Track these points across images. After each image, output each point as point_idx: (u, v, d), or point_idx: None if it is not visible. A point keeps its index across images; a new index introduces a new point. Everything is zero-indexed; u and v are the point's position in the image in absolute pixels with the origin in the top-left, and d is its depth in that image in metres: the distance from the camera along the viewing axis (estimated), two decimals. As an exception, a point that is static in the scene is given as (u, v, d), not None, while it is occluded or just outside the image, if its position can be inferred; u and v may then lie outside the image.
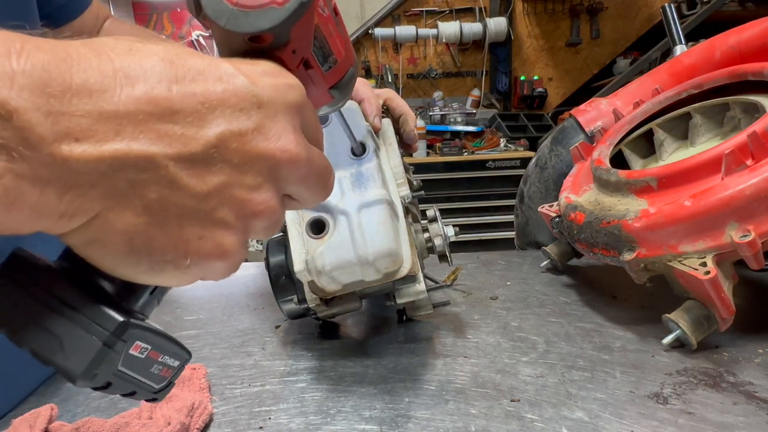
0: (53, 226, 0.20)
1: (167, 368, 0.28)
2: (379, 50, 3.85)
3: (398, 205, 0.53)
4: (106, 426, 0.43)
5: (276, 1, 0.25)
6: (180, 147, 0.21)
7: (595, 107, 0.95)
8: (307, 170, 0.26)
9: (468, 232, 3.12)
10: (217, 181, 0.23)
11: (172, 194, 0.22)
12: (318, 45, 0.28)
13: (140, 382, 0.26)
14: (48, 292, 0.23)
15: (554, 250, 0.83)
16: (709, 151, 0.56)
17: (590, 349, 0.57)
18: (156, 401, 0.28)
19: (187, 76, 0.22)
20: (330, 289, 0.52)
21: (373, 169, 0.51)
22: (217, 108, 0.22)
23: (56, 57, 0.20)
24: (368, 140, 0.53)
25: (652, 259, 0.56)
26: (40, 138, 0.19)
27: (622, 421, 0.44)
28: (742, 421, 0.43)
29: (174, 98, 0.21)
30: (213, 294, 0.82)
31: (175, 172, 0.21)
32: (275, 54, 0.26)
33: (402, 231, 0.52)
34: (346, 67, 0.31)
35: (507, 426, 0.44)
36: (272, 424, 0.46)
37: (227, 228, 0.24)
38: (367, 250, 0.47)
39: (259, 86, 0.24)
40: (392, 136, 0.61)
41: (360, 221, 0.48)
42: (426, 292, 0.54)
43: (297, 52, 0.27)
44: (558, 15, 3.95)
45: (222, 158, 0.22)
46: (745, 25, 0.79)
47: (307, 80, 0.29)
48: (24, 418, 0.43)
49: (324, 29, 0.28)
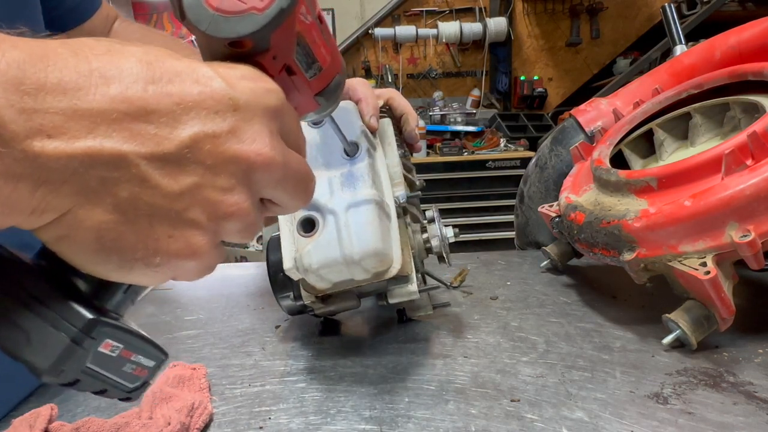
0: (25, 221, 0.21)
1: (141, 368, 0.28)
2: (379, 50, 3.85)
3: (391, 206, 0.53)
4: (106, 426, 0.43)
5: (256, 7, 0.25)
6: (153, 146, 0.22)
7: (595, 107, 0.95)
8: (283, 174, 0.26)
9: (468, 232, 3.12)
10: (190, 182, 0.23)
11: (143, 193, 0.22)
12: (301, 52, 0.28)
13: (112, 381, 0.26)
14: (18, 287, 0.23)
15: (554, 250, 0.83)
16: (709, 151, 0.56)
17: (590, 349, 0.57)
18: (129, 401, 0.29)
19: (164, 77, 0.22)
20: (320, 287, 0.52)
21: (364, 169, 0.51)
22: (192, 109, 0.23)
23: (32, 56, 0.20)
24: (361, 140, 0.53)
25: (652, 259, 0.56)
26: (13, 134, 0.19)
27: (622, 421, 0.44)
28: (742, 421, 0.43)
29: (149, 98, 0.22)
30: (213, 294, 0.82)
31: (146, 171, 0.22)
32: (256, 59, 0.26)
33: (393, 231, 0.52)
34: (332, 75, 0.32)
35: (507, 426, 0.44)
36: (272, 424, 0.46)
37: (198, 228, 0.24)
38: (353, 250, 0.47)
39: (236, 90, 0.24)
40: (391, 135, 0.61)
41: (347, 221, 0.48)
42: (418, 293, 0.54)
43: (278, 58, 0.27)
44: (558, 15, 3.96)
45: (195, 159, 0.23)
46: (745, 25, 0.79)
47: (291, 86, 0.29)
48: (24, 418, 0.43)
49: (307, 36, 0.28)
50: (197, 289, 0.86)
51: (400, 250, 0.52)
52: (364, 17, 3.86)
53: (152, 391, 0.48)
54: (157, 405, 0.46)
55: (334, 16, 3.91)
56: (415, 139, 0.64)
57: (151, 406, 0.46)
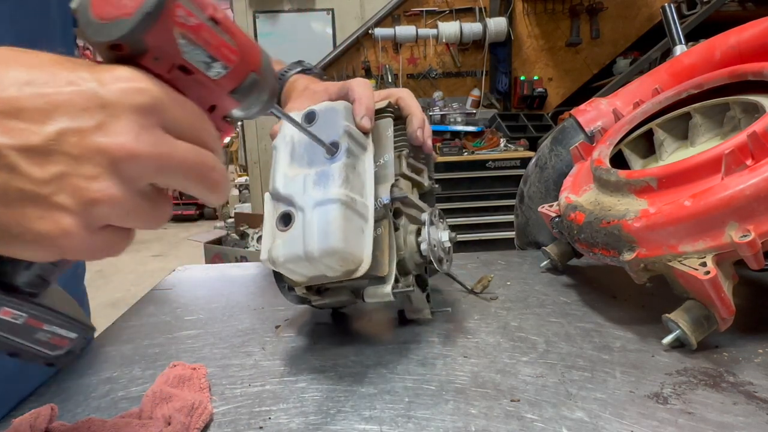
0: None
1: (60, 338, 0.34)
2: (379, 50, 3.85)
3: (369, 206, 0.54)
4: (106, 426, 0.43)
5: (126, 12, 0.28)
6: (22, 139, 0.26)
7: (595, 107, 0.95)
8: (160, 165, 0.29)
9: (468, 232, 3.12)
10: (56, 170, 0.26)
11: (13, 179, 0.26)
12: (194, 52, 0.30)
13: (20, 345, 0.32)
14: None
15: (554, 250, 0.83)
16: (709, 151, 0.56)
17: (590, 349, 0.57)
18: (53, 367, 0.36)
19: (41, 80, 0.27)
20: (297, 280, 0.54)
21: (337, 169, 0.51)
22: (61, 107, 0.26)
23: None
24: (343, 140, 0.53)
25: (652, 259, 0.56)
26: None
27: (622, 421, 0.44)
28: (742, 421, 0.43)
29: (23, 98, 0.26)
30: (213, 294, 0.82)
31: (15, 161, 0.26)
32: (137, 61, 0.29)
33: (368, 231, 0.52)
34: (243, 73, 0.33)
35: (507, 426, 0.44)
36: (272, 424, 0.46)
37: (65, 211, 0.27)
38: (313, 247, 0.48)
39: (105, 89, 0.27)
40: (388, 136, 0.61)
41: (312, 218, 0.49)
42: (392, 295, 0.54)
43: (161, 59, 0.29)
44: (558, 15, 3.95)
45: (62, 150, 0.26)
46: (745, 25, 0.79)
47: (190, 84, 0.32)
48: (24, 418, 0.43)
49: (196, 37, 0.30)
50: (197, 289, 0.86)
51: (375, 251, 0.52)
52: (364, 17, 3.86)
53: (152, 391, 0.48)
54: (157, 405, 0.46)
55: (334, 16, 3.91)
56: (416, 141, 0.63)
57: (152, 406, 0.46)
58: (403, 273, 0.59)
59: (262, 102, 0.36)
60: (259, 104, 0.36)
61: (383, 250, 0.55)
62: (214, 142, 0.33)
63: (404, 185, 0.61)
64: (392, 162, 0.60)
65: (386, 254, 0.55)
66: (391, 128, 0.61)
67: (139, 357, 0.60)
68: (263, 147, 4.12)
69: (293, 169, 0.54)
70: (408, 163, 0.62)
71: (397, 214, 0.60)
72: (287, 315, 0.71)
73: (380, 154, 0.60)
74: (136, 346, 0.64)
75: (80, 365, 0.58)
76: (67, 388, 0.53)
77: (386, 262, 0.55)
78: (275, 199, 0.53)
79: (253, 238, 3.72)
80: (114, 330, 0.69)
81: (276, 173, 0.55)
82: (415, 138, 0.63)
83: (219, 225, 6.02)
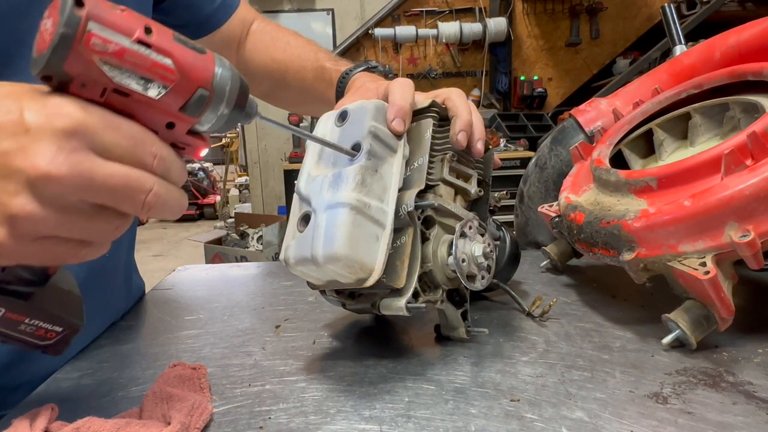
0: None
1: (46, 330, 0.39)
2: (379, 50, 3.85)
3: (387, 212, 0.50)
4: (106, 426, 0.43)
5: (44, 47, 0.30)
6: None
7: (594, 107, 0.95)
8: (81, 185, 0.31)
9: (468, 232, 3.12)
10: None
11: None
12: (126, 75, 0.32)
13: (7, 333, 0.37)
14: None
15: (554, 250, 0.83)
16: (708, 151, 0.56)
17: (590, 349, 0.57)
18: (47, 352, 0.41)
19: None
20: (314, 282, 0.53)
21: (353, 172, 0.49)
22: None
23: None
24: (365, 141, 0.50)
25: (652, 259, 0.56)
26: None
27: (621, 420, 0.44)
28: (741, 421, 0.43)
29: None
30: (213, 294, 0.82)
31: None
32: (66, 89, 0.31)
33: (383, 238, 0.49)
34: (188, 90, 0.34)
35: (507, 426, 0.44)
36: (272, 423, 0.46)
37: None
38: (318, 251, 0.46)
39: (31, 115, 0.31)
40: (426, 138, 0.57)
41: (321, 221, 0.47)
42: (406, 310, 0.50)
43: (88, 85, 0.31)
44: (558, 15, 3.96)
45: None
46: (745, 25, 0.79)
47: (133, 105, 0.33)
48: (24, 418, 0.43)
49: (120, 62, 0.31)
50: (197, 289, 0.86)
51: (395, 260, 0.50)
52: (364, 17, 3.87)
53: (152, 391, 0.48)
54: (157, 405, 0.46)
55: (334, 16, 3.91)
56: (457, 145, 0.57)
57: (152, 406, 0.46)
58: (432, 287, 0.55)
59: (223, 115, 0.36)
60: (221, 118, 0.36)
61: (403, 261, 0.51)
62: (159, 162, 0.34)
63: (444, 191, 0.57)
64: (425, 166, 0.55)
65: (406, 265, 0.51)
66: (431, 129, 0.57)
67: (139, 357, 0.60)
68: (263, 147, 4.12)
69: (318, 168, 0.53)
70: (451, 168, 0.57)
71: (428, 222, 0.55)
72: (287, 315, 0.71)
73: (416, 157, 0.56)
74: (136, 346, 0.64)
75: (80, 365, 0.58)
76: (67, 388, 0.53)
77: (404, 273, 0.51)
78: (300, 199, 0.52)
79: (253, 238, 3.72)
80: (114, 330, 0.69)
81: (302, 172, 0.53)
82: (456, 142, 0.57)
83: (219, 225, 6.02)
